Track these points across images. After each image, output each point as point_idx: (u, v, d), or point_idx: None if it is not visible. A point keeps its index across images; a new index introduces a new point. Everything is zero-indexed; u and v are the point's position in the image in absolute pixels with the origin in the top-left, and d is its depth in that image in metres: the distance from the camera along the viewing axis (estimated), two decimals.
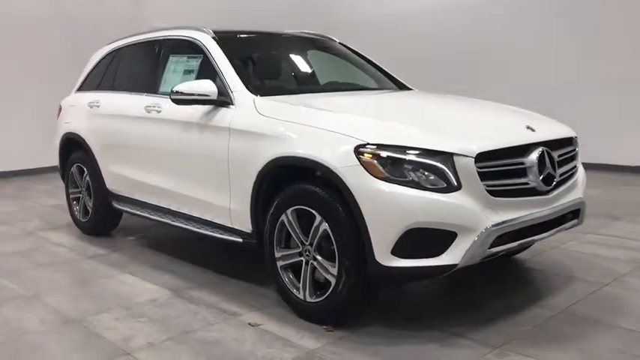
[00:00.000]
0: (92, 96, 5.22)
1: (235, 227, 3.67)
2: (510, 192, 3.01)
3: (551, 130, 3.48)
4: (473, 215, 2.85)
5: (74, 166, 5.38)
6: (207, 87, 3.69)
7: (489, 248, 2.90)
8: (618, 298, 3.50)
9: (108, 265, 4.43)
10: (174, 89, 3.75)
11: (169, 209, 4.29)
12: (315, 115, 3.33)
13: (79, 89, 5.61)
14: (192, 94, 3.70)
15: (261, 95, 3.67)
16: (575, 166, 3.52)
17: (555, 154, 3.24)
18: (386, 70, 4.84)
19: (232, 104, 3.67)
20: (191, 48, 4.24)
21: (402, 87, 4.70)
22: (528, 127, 3.24)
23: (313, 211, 3.09)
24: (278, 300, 3.47)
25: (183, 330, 3.20)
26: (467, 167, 2.87)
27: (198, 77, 4.07)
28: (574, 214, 3.47)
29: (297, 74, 4.69)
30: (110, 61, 5.28)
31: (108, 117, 4.89)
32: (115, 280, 4.06)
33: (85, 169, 5.22)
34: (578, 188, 3.51)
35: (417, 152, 2.87)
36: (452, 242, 2.84)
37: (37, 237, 5.34)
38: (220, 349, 2.96)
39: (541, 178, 3.10)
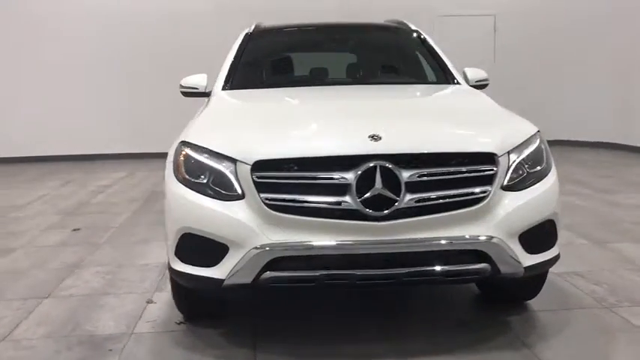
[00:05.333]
0: None
1: None
2: (310, 210, 2.51)
3: (427, 142, 2.66)
4: (243, 230, 2.55)
5: None
6: (197, 81, 3.98)
7: (271, 271, 2.53)
8: None
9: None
10: (180, 82, 4.16)
11: None
12: (211, 109, 3.37)
13: None
14: (187, 87, 4.04)
15: (230, 89, 3.78)
16: (485, 191, 2.58)
17: (407, 173, 2.48)
18: (444, 61, 4.11)
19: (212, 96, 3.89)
20: None
21: (449, 81, 3.96)
22: (373, 136, 2.55)
23: None
24: None
25: (105, 292, 3.71)
26: (245, 175, 2.57)
27: None
28: (483, 258, 2.57)
29: (298, 68, 4.44)
30: None
31: None
32: (150, 247, 4.69)
33: None
34: (489, 223, 2.58)
35: (208, 155, 2.70)
36: (224, 256, 2.59)
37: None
38: (94, 313, 3.37)
39: (360, 199, 2.46)
